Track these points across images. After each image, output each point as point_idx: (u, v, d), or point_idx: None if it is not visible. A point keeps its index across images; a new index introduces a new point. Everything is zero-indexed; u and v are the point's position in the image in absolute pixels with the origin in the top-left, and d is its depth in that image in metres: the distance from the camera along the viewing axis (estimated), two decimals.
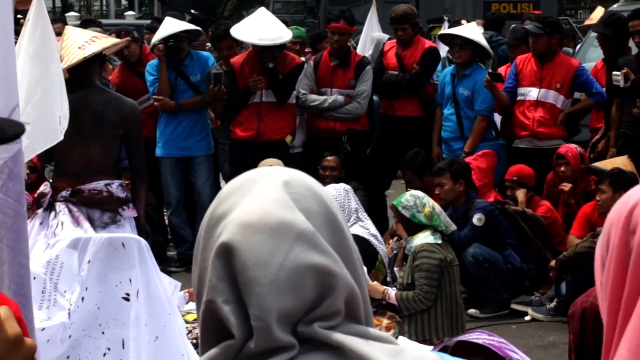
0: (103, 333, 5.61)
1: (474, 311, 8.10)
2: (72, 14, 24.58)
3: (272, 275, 1.47)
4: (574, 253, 7.66)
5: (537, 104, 9.34)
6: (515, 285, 8.31)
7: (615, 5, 14.39)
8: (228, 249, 1.49)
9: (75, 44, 6.38)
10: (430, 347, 5.47)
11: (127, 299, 5.65)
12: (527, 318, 8.04)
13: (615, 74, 8.98)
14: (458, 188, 8.25)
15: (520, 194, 8.76)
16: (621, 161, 8.43)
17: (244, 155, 8.82)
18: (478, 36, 9.70)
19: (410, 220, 6.98)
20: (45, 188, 6.43)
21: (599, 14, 14.49)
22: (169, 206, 9.82)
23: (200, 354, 1.54)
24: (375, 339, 1.52)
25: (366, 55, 10.31)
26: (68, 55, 6.32)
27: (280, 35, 9.14)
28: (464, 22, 11.50)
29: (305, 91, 9.49)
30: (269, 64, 9.01)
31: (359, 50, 11.00)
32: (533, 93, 9.37)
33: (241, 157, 8.86)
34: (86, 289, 5.60)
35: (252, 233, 1.49)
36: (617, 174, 7.88)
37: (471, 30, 9.82)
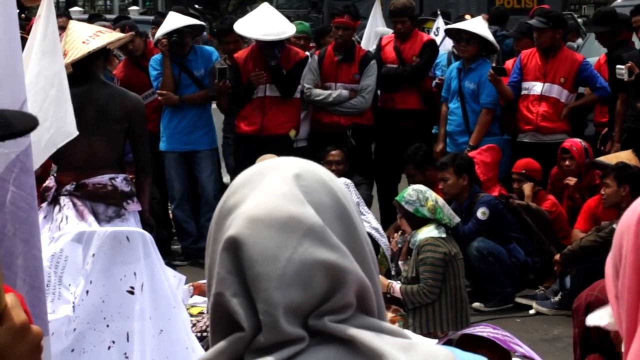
0: (107, 326, 5.61)
1: (478, 305, 8.11)
2: (77, 9, 24.57)
3: (280, 270, 1.46)
4: (579, 247, 7.67)
5: (541, 98, 9.35)
6: (520, 279, 8.32)
7: (619, 0, 14.38)
8: (236, 243, 1.49)
9: (80, 38, 6.39)
10: (434, 341, 5.48)
11: (132, 293, 5.65)
12: (532, 312, 8.06)
13: (620, 67, 8.98)
14: (462, 182, 8.27)
15: (527, 188, 8.76)
16: (626, 155, 8.43)
17: (248, 149, 8.82)
18: (485, 31, 9.69)
19: (414, 215, 6.98)
20: (50, 182, 6.45)
21: None
22: (172, 200, 9.83)
23: (210, 345, 1.54)
24: (387, 332, 1.51)
25: (370, 49, 10.33)
26: (72, 49, 6.34)
27: (284, 30, 9.14)
28: (467, 17, 11.48)
29: (309, 86, 9.50)
30: (272, 62, 9.02)
31: (363, 45, 11.01)
32: (537, 87, 9.37)
33: (245, 151, 8.86)
34: (91, 282, 5.61)
35: (260, 227, 1.48)
36: (622, 168, 7.88)
37: (478, 25, 9.82)
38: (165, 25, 9.65)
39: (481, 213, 8.10)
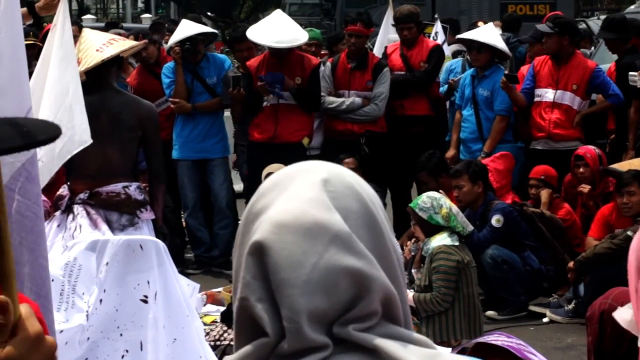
0: (121, 335, 5.61)
1: (491, 313, 8.08)
2: (89, 16, 24.65)
3: (305, 277, 1.45)
4: (593, 254, 7.64)
5: (554, 105, 9.32)
6: (534, 287, 8.29)
7: (632, 6, 14.36)
8: (261, 248, 1.48)
9: (93, 46, 6.40)
10: (448, 349, 5.46)
11: (145, 301, 5.64)
12: (545, 320, 8.02)
13: (633, 74, 8.94)
14: (477, 190, 8.25)
15: (545, 195, 8.73)
16: (638, 162, 8.39)
17: (262, 157, 8.82)
18: (495, 39, 9.67)
19: (428, 222, 6.97)
20: (63, 190, 6.45)
21: None
22: (185, 208, 9.82)
23: (234, 349, 1.53)
24: (413, 342, 1.50)
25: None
26: (86, 57, 6.34)
27: (297, 37, 9.15)
28: (480, 24, 11.48)
29: (323, 93, 9.50)
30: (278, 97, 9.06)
31: (375, 52, 11.01)
32: (549, 94, 9.35)
33: (258, 159, 8.86)
34: (104, 291, 5.60)
35: (286, 233, 1.48)
36: None
37: (488, 33, 9.80)
38: (178, 33, 9.66)
39: (496, 220, 8.08)
